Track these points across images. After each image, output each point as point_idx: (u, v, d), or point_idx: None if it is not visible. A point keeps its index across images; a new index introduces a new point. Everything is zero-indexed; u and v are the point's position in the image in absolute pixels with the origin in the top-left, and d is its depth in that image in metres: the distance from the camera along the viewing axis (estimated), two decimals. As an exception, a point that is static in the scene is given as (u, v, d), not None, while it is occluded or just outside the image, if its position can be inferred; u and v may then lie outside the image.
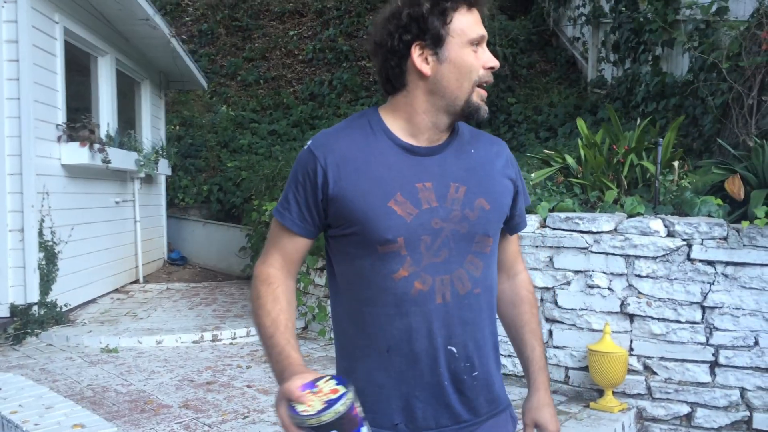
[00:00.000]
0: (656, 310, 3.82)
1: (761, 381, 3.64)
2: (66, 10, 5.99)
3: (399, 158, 1.36)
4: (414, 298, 1.34)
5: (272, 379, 4.33)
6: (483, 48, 1.38)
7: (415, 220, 1.33)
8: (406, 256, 1.33)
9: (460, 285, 1.37)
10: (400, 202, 1.33)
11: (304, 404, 1.17)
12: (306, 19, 13.81)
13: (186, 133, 10.80)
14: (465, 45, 1.35)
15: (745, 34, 5.41)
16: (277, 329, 1.34)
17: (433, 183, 1.36)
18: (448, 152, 1.40)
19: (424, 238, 1.34)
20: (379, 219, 1.32)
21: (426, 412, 1.38)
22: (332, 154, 1.35)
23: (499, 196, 1.44)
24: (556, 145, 8.01)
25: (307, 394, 1.19)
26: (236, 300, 6.81)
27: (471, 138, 1.48)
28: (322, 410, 1.15)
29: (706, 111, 5.85)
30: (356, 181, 1.33)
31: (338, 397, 1.17)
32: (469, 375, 1.40)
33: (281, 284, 1.41)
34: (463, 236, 1.37)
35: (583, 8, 10.08)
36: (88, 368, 4.60)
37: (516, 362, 4.22)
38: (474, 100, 1.38)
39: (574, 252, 4.01)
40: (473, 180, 1.40)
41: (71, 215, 5.98)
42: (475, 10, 1.37)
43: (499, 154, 1.49)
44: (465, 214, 1.37)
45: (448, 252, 1.36)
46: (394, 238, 1.32)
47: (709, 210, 3.91)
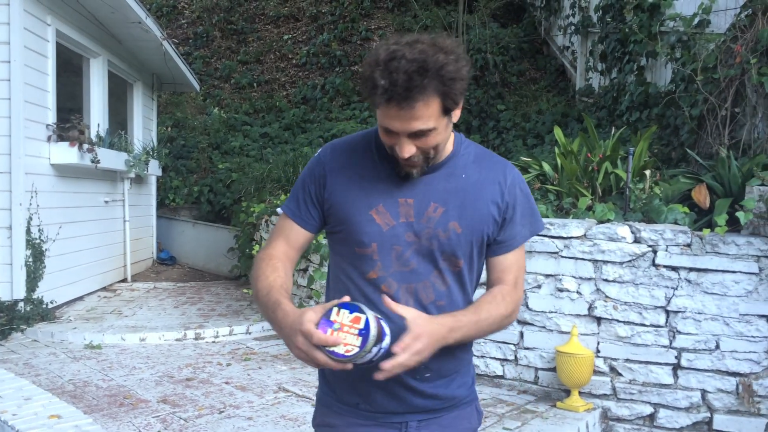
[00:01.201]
0: (622, 314, 3.93)
1: (721, 383, 3.75)
2: (58, 12, 6.10)
3: (390, 175, 1.52)
4: (379, 299, 1.48)
5: (250, 376, 4.45)
6: (402, 138, 1.41)
7: (390, 230, 1.50)
8: (377, 261, 1.51)
9: (423, 295, 1.51)
10: (380, 212, 1.50)
11: (340, 344, 1.27)
12: (301, 23, 13.94)
13: (178, 134, 10.90)
14: (381, 124, 1.43)
15: (721, 47, 5.54)
16: (272, 288, 1.47)
17: (415, 200, 1.51)
18: (440, 173, 1.53)
19: (395, 248, 1.50)
20: (360, 224, 1.50)
21: (384, 398, 1.54)
22: (334, 162, 1.56)
23: (475, 222, 1.51)
24: (542, 152, 8.14)
25: (332, 333, 1.28)
26: (222, 300, 6.91)
27: (474, 161, 1.56)
28: (363, 343, 1.26)
29: (684, 121, 5.97)
30: (348, 189, 1.53)
31: (366, 324, 1.27)
32: (421, 375, 1.53)
33: (280, 261, 1.56)
34: (431, 252, 1.51)
35: (573, 18, 10.23)
36: (70, 363, 4.69)
37: (488, 362, 4.34)
38: (402, 165, 1.48)
39: (545, 256, 4.12)
40: (453, 203, 1.51)
41: (60, 214, 6.07)
42: (397, 108, 1.36)
43: (495, 181, 1.54)
44: (436, 233, 1.50)
45: (416, 264, 1.51)
46: (369, 242, 1.50)
47: (675, 217, 4.03)
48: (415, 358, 1.34)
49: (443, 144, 1.48)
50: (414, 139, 1.41)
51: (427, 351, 1.36)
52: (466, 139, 1.61)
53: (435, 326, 1.39)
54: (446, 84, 1.35)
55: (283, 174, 7.87)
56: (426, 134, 1.40)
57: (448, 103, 1.39)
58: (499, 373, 4.32)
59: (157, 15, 13.84)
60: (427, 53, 1.34)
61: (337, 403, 1.58)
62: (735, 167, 4.22)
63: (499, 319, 1.52)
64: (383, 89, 1.34)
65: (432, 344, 1.37)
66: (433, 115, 1.38)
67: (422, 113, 1.36)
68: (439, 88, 1.35)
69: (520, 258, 1.59)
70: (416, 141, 1.41)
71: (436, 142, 1.44)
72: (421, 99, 1.34)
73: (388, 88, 1.33)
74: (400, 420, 1.55)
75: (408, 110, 1.35)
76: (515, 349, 4.26)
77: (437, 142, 1.44)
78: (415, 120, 1.37)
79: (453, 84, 1.36)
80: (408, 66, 1.32)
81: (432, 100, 1.36)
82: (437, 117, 1.39)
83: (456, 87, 1.37)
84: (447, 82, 1.35)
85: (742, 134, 5.21)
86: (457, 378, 1.58)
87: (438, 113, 1.39)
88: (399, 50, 1.34)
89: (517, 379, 4.26)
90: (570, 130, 8.76)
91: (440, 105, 1.38)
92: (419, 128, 1.38)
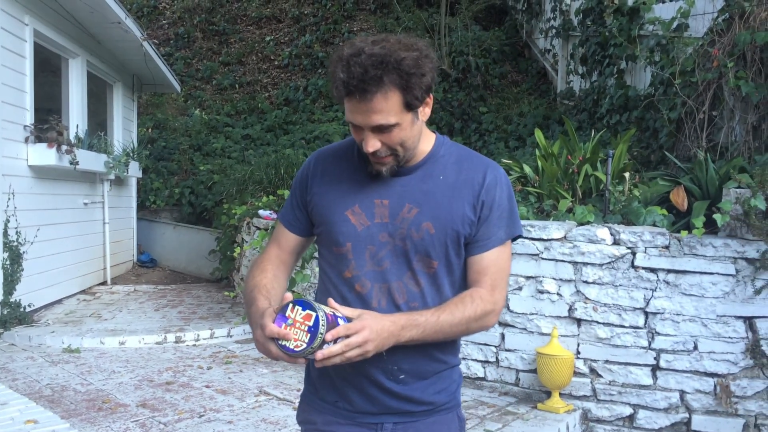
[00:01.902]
0: (602, 315, 3.96)
1: (699, 384, 3.79)
2: (36, 12, 6.03)
3: (365, 176, 1.55)
4: (354, 297, 1.53)
5: (231, 380, 4.42)
6: (366, 132, 1.44)
7: (365, 230, 1.53)
8: (351, 260, 1.54)
9: (397, 295, 1.52)
10: (356, 213, 1.54)
11: (290, 340, 1.32)
12: (283, 24, 13.90)
13: (159, 135, 10.82)
14: (347, 119, 1.47)
15: (698, 51, 5.61)
16: (255, 287, 1.54)
17: (390, 201, 1.53)
18: (416, 175, 1.55)
19: (369, 248, 1.53)
20: (336, 224, 1.55)
21: (359, 398, 1.55)
22: (318, 166, 1.63)
23: (449, 223, 1.51)
24: (524, 154, 8.18)
25: (284, 328, 1.33)
26: (203, 302, 6.87)
27: (455, 162, 1.57)
28: (311, 340, 1.30)
29: (663, 124, 6.04)
30: (327, 191, 1.58)
31: (315, 322, 1.31)
32: (395, 377, 1.53)
33: (270, 264, 1.63)
34: (404, 253, 1.52)
35: (554, 21, 10.30)
36: (48, 368, 4.63)
37: (469, 364, 4.35)
38: (372, 163, 1.51)
39: (525, 258, 4.14)
40: (428, 204, 1.52)
41: (38, 216, 6.00)
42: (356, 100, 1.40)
43: (473, 182, 1.54)
44: (410, 233, 1.51)
45: (389, 264, 1.52)
46: (344, 242, 1.54)
47: (654, 219, 4.07)
48: (355, 351, 1.34)
49: (412, 142, 1.49)
50: (378, 133, 1.43)
51: (370, 346, 1.35)
52: (449, 142, 1.62)
53: (383, 323, 1.38)
54: (405, 78, 1.38)
55: (265, 176, 7.83)
56: (389, 129, 1.43)
57: (410, 99, 1.41)
58: (481, 375, 4.33)
59: (138, 15, 13.72)
60: (389, 49, 1.39)
61: (318, 401, 1.61)
62: (712, 170, 4.27)
63: (466, 321, 1.48)
64: (342, 82, 1.38)
65: (376, 340, 1.36)
66: (394, 110, 1.40)
67: (381, 106, 1.39)
68: (398, 82, 1.38)
69: (500, 260, 1.55)
70: (380, 136, 1.44)
71: (401, 139, 1.45)
72: (378, 91, 1.38)
73: (345, 81, 1.38)
74: (375, 421, 1.55)
75: (366, 103, 1.39)
76: (496, 351, 4.27)
77: (402, 138, 1.45)
78: (375, 113, 1.40)
79: (412, 78, 1.39)
80: (366, 60, 1.37)
81: (391, 94, 1.39)
82: (399, 112, 1.41)
83: (416, 81, 1.40)
84: (405, 75, 1.38)
85: (719, 137, 5.28)
86: (437, 382, 1.57)
87: (399, 108, 1.41)
88: (362, 47, 1.39)
89: (499, 381, 4.28)
90: (551, 132, 8.82)
91: (401, 99, 1.40)
92: (379, 122, 1.41)
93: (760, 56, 4.99)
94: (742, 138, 5.13)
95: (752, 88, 4.90)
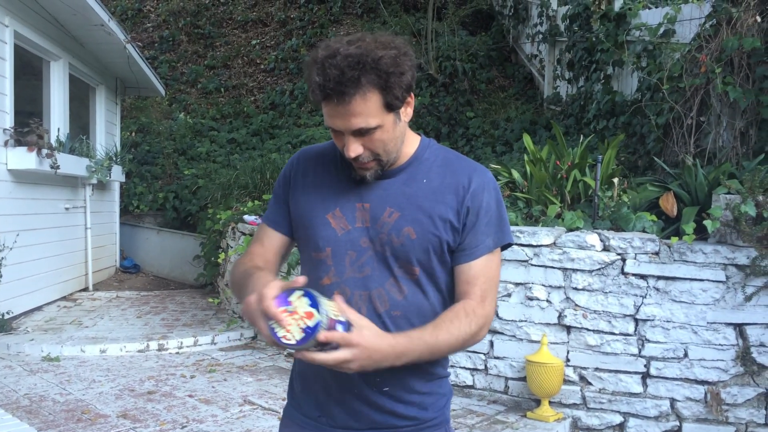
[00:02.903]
0: (591, 322, 3.92)
1: (690, 392, 3.76)
2: (17, 13, 5.92)
3: (348, 179, 1.49)
4: None
5: (215, 389, 4.33)
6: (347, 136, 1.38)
7: (345, 235, 1.46)
8: (331, 266, 1.47)
9: (378, 303, 1.44)
10: (337, 216, 1.47)
11: (283, 328, 1.20)
12: (269, 28, 13.82)
13: (143, 139, 10.68)
14: (327, 125, 1.41)
15: (686, 57, 5.61)
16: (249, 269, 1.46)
17: (371, 204, 1.47)
18: (400, 178, 1.48)
19: (350, 253, 1.46)
20: (316, 227, 1.48)
21: (342, 413, 1.48)
22: (300, 166, 1.57)
23: (430, 228, 1.44)
24: (511, 159, 8.16)
25: (283, 313, 1.20)
26: (187, 309, 6.76)
27: (441, 165, 1.50)
28: (302, 340, 1.19)
29: (650, 129, 6.03)
30: (309, 193, 1.52)
31: (315, 326, 1.19)
32: (379, 389, 1.45)
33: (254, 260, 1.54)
34: (385, 259, 1.45)
35: (541, 27, 10.31)
36: (27, 377, 4.52)
37: (458, 372, 4.29)
38: (355, 168, 1.45)
39: (514, 264, 4.09)
40: (410, 208, 1.45)
41: (17, 221, 5.87)
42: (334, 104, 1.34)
43: (458, 186, 1.47)
44: (390, 239, 1.44)
45: (370, 270, 1.45)
46: (323, 247, 1.47)
47: (643, 225, 4.04)
48: (342, 365, 1.25)
49: (395, 144, 1.43)
50: (359, 137, 1.38)
51: (354, 365, 1.26)
52: (436, 144, 1.55)
53: (381, 345, 1.29)
54: (384, 77, 1.32)
55: (250, 180, 7.75)
56: (370, 132, 1.37)
57: (390, 99, 1.35)
58: (469, 383, 4.27)
59: (122, 18, 13.59)
60: (365, 48, 1.32)
61: (300, 416, 1.55)
62: (701, 175, 4.25)
63: (462, 339, 1.41)
64: (318, 86, 1.32)
65: (364, 361, 1.27)
66: (374, 112, 1.35)
67: (360, 109, 1.33)
68: (376, 82, 1.33)
69: (489, 270, 1.47)
70: (362, 140, 1.38)
71: (384, 141, 1.40)
72: (356, 93, 1.31)
73: (321, 84, 1.31)
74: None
75: (344, 106, 1.33)
76: (485, 359, 4.22)
77: (384, 141, 1.40)
78: (354, 117, 1.34)
79: (391, 78, 1.33)
80: (342, 61, 1.30)
81: (370, 95, 1.33)
82: (379, 113, 1.35)
83: (395, 81, 1.34)
84: (384, 75, 1.32)
85: (707, 143, 5.27)
86: (423, 396, 1.50)
87: (379, 109, 1.35)
88: (337, 48, 1.32)
89: (488, 389, 4.22)
90: (538, 137, 8.81)
91: (381, 100, 1.35)
92: (360, 126, 1.35)
93: (748, 62, 4.99)
94: (729, 144, 5.12)
95: (740, 93, 4.89)
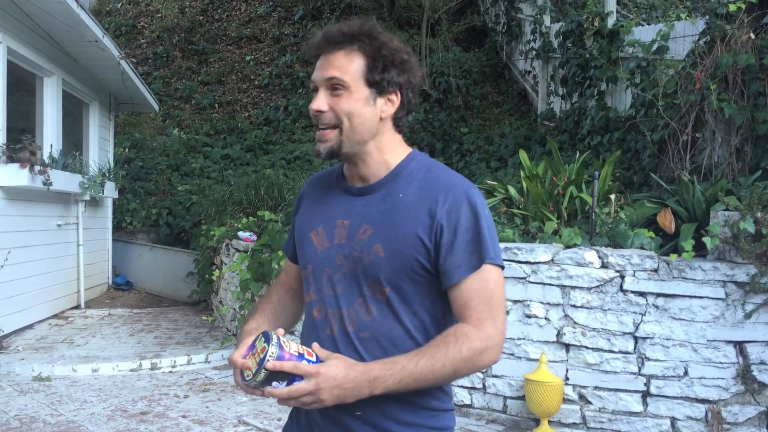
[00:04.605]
0: (590, 340, 3.88)
1: (691, 411, 3.72)
2: (10, 30, 5.88)
3: (336, 197, 1.50)
4: (313, 322, 1.47)
5: (209, 409, 4.26)
6: (320, 89, 1.43)
7: (324, 252, 1.46)
8: (311, 283, 1.48)
9: (347, 323, 1.41)
10: (319, 234, 1.48)
11: (247, 369, 1.32)
12: (263, 45, 13.84)
13: (136, 155, 10.64)
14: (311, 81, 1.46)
15: (681, 73, 5.63)
16: (253, 311, 1.56)
17: (350, 221, 1.45)
18: (379, 193, 1.44)
19: (327, 271, 1.45)
20: (303, 246, 1.52)
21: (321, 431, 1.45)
22: (306, 192, 1.60)
23: (399, 246, 1.37)
24: (506, 175, 8.15)
25: (248, 358, 1.33)
26: (180, 327, 6.68)
27: (422, 179, 1.43)
28: (257, 371, 1.28)
29: (646, 145, 6.04)
30: (303, 214, 1.56)
31: (264, 355, 1.28)
32: (351, 412, 1.38)
33: (276, 290, 1.64)
34: (356, 277, 1.41)
35: (534, 43, 10.35)
36: (17, 397, 4.44)
37: (455, 391, 4.23)
38: (316, 141, 1.46)
39: (512, 282, 4.06)
40: (383, 225, 1.40)
41: (9, 238, 5.80)
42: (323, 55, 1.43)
43: (432, 201, 1.39)
44: (361, 256, 1.40)
45: (342, 288, 1.43)
46: (306, 264, 1.50)
47: (641, 242, 4.02)
48: (308, 398, 1.27)
49: (361, 124, 1.41)
50: (329, 93, 1.41)
51: (324, 395, 1.27)
52: (425, 158, 1.48)
53: (348, 372, 1.29)
54: (374, 50, 1.40)
55: (245, 197, 7.70)
56: (339, 90, 1.39)
57: (372, 73, 1.40)
58: (467, 401, 4.22)
59: (116, 34, 13.59)
60: (371, 26, 1.43)
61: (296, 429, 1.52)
62: (699, 192, 4.24)
63: (451, 364, 1.32)
64: (317, 39, 1.43)
65: (332, 389, 1.27)
66: (351, 72, 1.39)
67: (340, 62, 1.40)
68: (365, 50, 1.40)
69: (483, 289, 1.37)
70: (330, 98, 1.40)
71: (349, 109, 1.39)
72: (343, 48, 1.40)
73: (320, 37, 1.43)
74: None
75: (328, 56, 1.41)
76: (483, 377, 4.17)
77: (350, 109, 1.39)
78: (332, 67, 1.40)
79: (381, 57, 1.40)
80: (345, 25, 1.43)
81: (354, 56, 1.40)
82: (356, 78, 1.39)
83: (384, 61, 1.40)
84: (375, 49, 1.40)
85: (702, 159, 5.28)
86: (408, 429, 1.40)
87: (358, 74, 1.40)
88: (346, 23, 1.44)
89: (486, 408, 4.17)
90: (532, 153, 8.82)
91: (363, 67, 1.40)
92: (332, 74, 1.39)
93: (742, 78, 5.01)
94: (725, 160, 5.12)
95: (735, 110, 4.91)
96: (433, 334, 1.40)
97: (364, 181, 1.47)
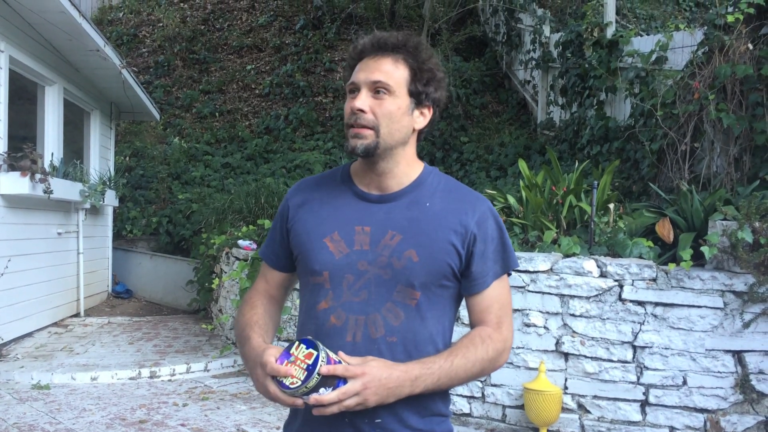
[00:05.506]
0: (589, 349, 3.89)
1: (689, 420, 3.72)
2: (12, 39, 5.92)
3: (349, 202, 1.50)
4: (328, 330, 1.43)
5: (208, 417, 4.26)
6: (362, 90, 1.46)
7: (343, 258, 1.44)
8: (329, 290, 1.45)
9: (373, 329, 1.41)
10: (335, 239, 1.46)
11: (289, 377, 1.28)
12: (264, 54, 13.89)
13: (137, 164, 10.66)
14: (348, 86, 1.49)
15: (679, 84, 5.65)
16: (247, 324, 1.50)
17: (372, 228, 1.45)
18: (402, 201, 1.48)
19: (347, 277, 1.43)
20: (314, 251, 1.47)
21: None
22: (298, 197, 1.57)
23: (434, 251, 1.42)
24: (506, 184, 8.17)
25: (286, 365, 1.29)
26: (179, 335, 6.68)
27: (444, 190, 1.50)
28: (307, 378, 1.26)
29: (644, 155, 6.06)
30: (306, 219, 1.51)
31: (314, 360, 1.27)
32: (370, 419, 1.39)
33: (259, 298, 1.59)
34: (385, 282, 1.42)
35: (534, 53, 10.40)
36: (16, 405, 4.43)
37: (454, 400, 4.24)
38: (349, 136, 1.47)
39: (511, 291, 4.06)
40: (412, 231, 1.44)
41: (9, 246, 5.81)
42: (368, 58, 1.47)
43: (462, 212, 1.46)
44: (391, 262, 1.42)
45: (367, 294, 1.42)
46: (320, 270, 1.46)
47: (640, 251, 4.03)
48: (353, 400, 1.28)
49: (398, 129, 1.45)
50: (372, 96, 1.44)
51: (369, 394, 1.29)
52: (438, 172, 1.56)
53: (391, 372, 1.32)
54: (418, 63, 1.46)
55: (245, 205, 7.71)
56: (383, 94, 1.43)
57: (416, 83, 1.45)
58: (466, 410, 4.22)
59: (117, 44, 13.64)
60: (415, 39, 1.48)
61: None
62: (697, 202, 4.26)
63: (480, 364, 1.42)
64: (363, 43, 1.48)
65: (378, 389, 1.30)
66: (397, 79, 1.44)
67: (388, 68, 1.44)
68: (410, 63, 1.45)
69: (501, 295, 1.49)
70: (372, 101, 1.43)
71: (390, 115, 1.43)
72: (391, 56, 1.45)
73: (367, 41, 1.47)
74: None
75: (377, 60, 1.45)
76: (482, 386, 4.17)
77: (391, 114, 1.43)
78: (380, 71, 1.44)
79: (424, 70, 1.46)
80: (391, 35, 1.47)
81: (401, 65, 1.45)
82: (400, 84, 1.44)
83: (426, 75, 1.46)
84: (419, 63, 1.46)
85: (701, 168, 5.29)
86: None
87: (403, 82, 1.45)
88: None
89: (485, 417, 4.17)
90: (532, 162, 8.84)
91: (408, 77, 1.45)
92: (380, 78, 1.43)
93: (741, 89, 5.03)
94: (723, 170, 5.14)
95: (733, 120, 4.93)
96: (448, 338, 1.48)
97: (383, 189, 1.49)
